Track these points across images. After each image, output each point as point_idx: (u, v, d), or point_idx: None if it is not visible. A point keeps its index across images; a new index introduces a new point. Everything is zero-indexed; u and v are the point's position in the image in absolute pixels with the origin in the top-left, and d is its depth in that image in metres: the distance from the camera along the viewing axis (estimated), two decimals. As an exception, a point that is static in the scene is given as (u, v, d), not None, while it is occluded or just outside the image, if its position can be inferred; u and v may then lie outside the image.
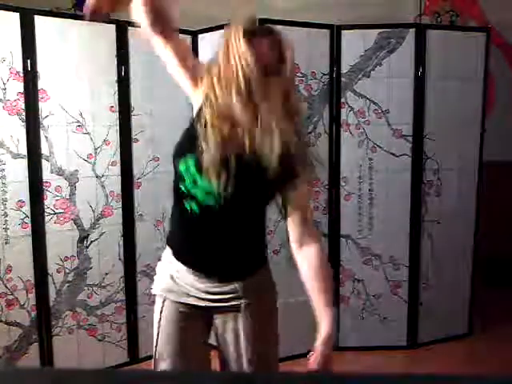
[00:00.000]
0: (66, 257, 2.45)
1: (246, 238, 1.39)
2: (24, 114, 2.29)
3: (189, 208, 1.31)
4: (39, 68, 2.31)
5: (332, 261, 2.76)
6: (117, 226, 2.58)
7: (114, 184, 2.55)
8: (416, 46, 2.68)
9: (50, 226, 2.39)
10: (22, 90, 2.28)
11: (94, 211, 2.50)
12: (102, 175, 2.51)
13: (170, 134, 2.69)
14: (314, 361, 1.28)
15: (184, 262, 1.37)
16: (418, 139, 2.73)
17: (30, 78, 2.29)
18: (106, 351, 2.60)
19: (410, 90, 2.70)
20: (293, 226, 1.38)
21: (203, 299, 1.38)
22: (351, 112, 2.69)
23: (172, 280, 1.40)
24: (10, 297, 2.33)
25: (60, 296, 2.45)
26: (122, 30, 2.50)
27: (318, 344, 1.29)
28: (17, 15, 2.24)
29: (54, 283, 2.43)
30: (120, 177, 2.56)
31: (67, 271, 2.46)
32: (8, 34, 2.23)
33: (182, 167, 1.28)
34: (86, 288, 2.52)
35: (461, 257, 2.91)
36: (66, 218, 2.43)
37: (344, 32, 2.65)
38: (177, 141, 1.33)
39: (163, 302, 1.41)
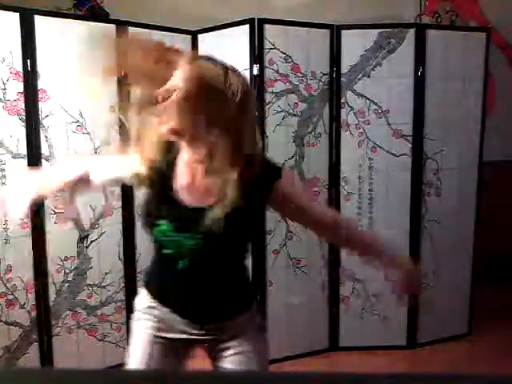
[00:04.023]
0: (66, 257, 2.45)
1: (229, 281, 1.39)
2: (24, 113, 2.29)
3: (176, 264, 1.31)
4: (39, 68, 2.31)
5: (332, 261, 2.77)
6: (117, 225, 2.58)
7: (114, 184, 2.55)
8: (416, 46, 2.68)
9: (50, 226, 2.39)
10: (22, 89, 2.28)
11: (93, 211, 2.50)
12: (102, 175, 2.51)
13: (169, 133, 2.70)
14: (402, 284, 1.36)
15: (166, 306, 1.38)
16: (418, 139, 2.73)
17: (30, 78, 2.29)
18: (106, 351, 2.60)
19: (409, 90, 2.70)
20: (326, 231, 1.42)
21: (185, 335, 1.39)
22: (351, 112, 2.69)
23: (153, 318, 1.40)
24: (10, 297, 2.33)
25: (60, 296, 2.45)
26: (122, 29, 2.50)
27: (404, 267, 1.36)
28: (17, 15, 2.24)
29: (53, 283, 2.43)
30: (120, 177, 2.56)
31: (67, 271, 2.46)
32: (8, 34, 2.23)
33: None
34: (85, 288, 2.51)
35: (461, 257, 2.91)
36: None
37: (344, 32, 2.65)
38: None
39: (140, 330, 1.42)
